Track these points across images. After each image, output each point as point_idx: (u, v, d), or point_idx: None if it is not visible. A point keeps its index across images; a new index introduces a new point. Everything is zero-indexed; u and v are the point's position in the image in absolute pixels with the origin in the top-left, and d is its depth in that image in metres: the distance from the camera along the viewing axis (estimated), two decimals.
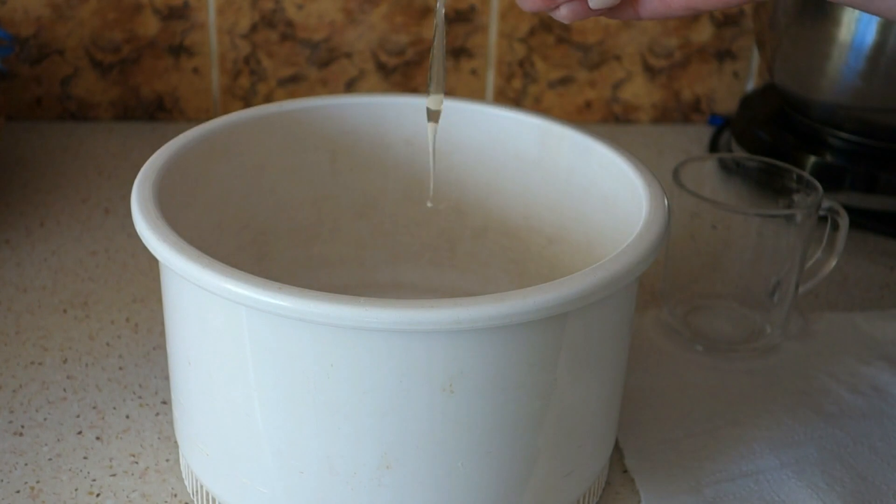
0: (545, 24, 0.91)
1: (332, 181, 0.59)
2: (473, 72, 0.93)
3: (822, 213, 0.62)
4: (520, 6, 0.49)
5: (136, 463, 0.53)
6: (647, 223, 0.46)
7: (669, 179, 0.62)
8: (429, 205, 0.57)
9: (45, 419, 0.56)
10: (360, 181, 0.60)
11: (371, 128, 0.58)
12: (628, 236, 0.45)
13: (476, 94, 0.94)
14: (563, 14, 0.49)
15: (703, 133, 0.95)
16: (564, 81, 0.94)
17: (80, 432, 0.55)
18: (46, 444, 0.54)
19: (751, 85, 0.97)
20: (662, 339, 0.64)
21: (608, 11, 0.50)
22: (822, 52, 0.77)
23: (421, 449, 0.42)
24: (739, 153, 0.85)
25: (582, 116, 0.96)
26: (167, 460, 0.54)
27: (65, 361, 0.61)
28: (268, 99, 0.93)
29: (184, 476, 0.52)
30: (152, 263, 0.70)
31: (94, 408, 0.57)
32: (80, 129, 0.91)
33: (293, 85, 0.92)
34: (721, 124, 0.95)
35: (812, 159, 0.81)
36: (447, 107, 0.58)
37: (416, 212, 0.60)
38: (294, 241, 0.59)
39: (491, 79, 0.94)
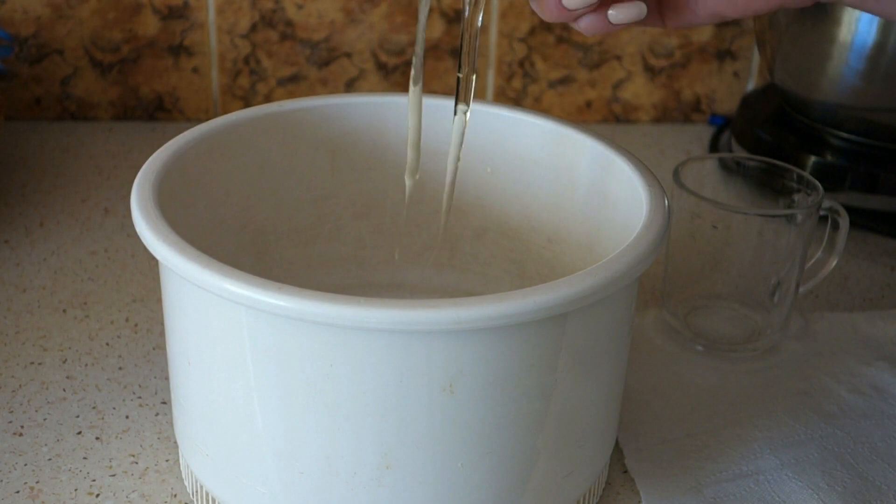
0: (545, 23, 0.91)
1: (332, 181, 0.59)
2: None
3: (822, 212, 0.62)
4: (539, 15, 0.49)
5: (136, 463, 0.53)
6: (647, 223, 0.46)
7: (670, 179, 0.62)
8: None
9: (44, 419, 0.56)
10: (360, 181, 0.60)
11: (371, 128, 0.58)
12: (628, 236, 0.45)
13: (476, 94, 0.94)
14: (583, 26, 0.48)
15: (704, 133, 0.95)
16: (564, 81, 0.94)
17: (79, 432, 0.55)
18: (46, 445, 0.54)
19: (751, 85, 0.97)
20: (662, 339, 0.64)
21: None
22: (823, 52, 0.77)
23: (421, 449, 0.42)
24: (740, 153, 0.85)
25: (582, 116, 0.96)
26: (167, 460, 0.53)
27: (64, 361, 0.61)
28: (268, 99, 0.93)
29: (184, 476, 0.52)
30: (152, 263, 0.70)
31: (94, 408, 0.57)
32: (80, 128, 0.91)
33: (293, 85, 0.92)
34: (721, 124, 0.95)
35: (812, 159, 0.81)
36: (447, 106, 0.58)
37: (416, 212, 0.60)
38: (294, 241, 0.59)
39: (491, 79, 0.93)
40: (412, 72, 0.52)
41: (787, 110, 0.86)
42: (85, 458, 0.53)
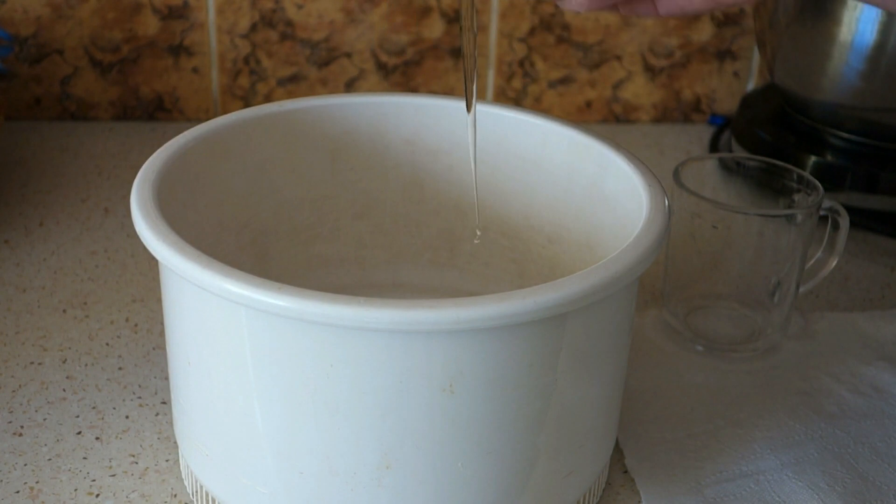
0: (545, 23, 0.91)
1: (332, 181, 0.59)
2: None
3: (822, 212, 0.62)
4: None
5: (136, 463, 0.53)
6: (647, 223, 0.46)
7: (670, 179, 0.62)
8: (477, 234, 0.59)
9: (44, 419, 0.56)
10: (360, 181, 0.60)
11: (371, 128, 0.58)
12: (628, 236, 0.45)
13: (476, 94, 0.94)
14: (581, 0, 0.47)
15: (704, 133, 0.95)
16: (565, 81, 0.94)
17: (79, 432, 0.55)
18: (46, 445, 0.54)
19: (751, 85, 0.96)
20: (662, 339, 0.64)
21: (625, 5, 0.49)
22: (823, 52, 0.77)
23: (421, 449, 0.42)
24: (740, 153, 0.85)
25: (582, 116, 0.96)
26: (167, 460, 0.53)
27: (64, 361, 0.61)
28: (268, 99, 0.93)
29: (184, 476, 0.52)
30: (152, 263, 0.70)
31: (94, 408, 0.57)
32: (80, 128, 0.91)
33: (293, 85, 0.92)
34: (721, 124, 0.95)
35: (812, 159, 0.81)
36: (447, 106, 0.58)
37: (416, 212, 0.60)
38: (294, 241, 0.59)
39: (491, 79, 0.93)
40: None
41: (787, 110, 0.86)
42: (85, 458, 0.53)
